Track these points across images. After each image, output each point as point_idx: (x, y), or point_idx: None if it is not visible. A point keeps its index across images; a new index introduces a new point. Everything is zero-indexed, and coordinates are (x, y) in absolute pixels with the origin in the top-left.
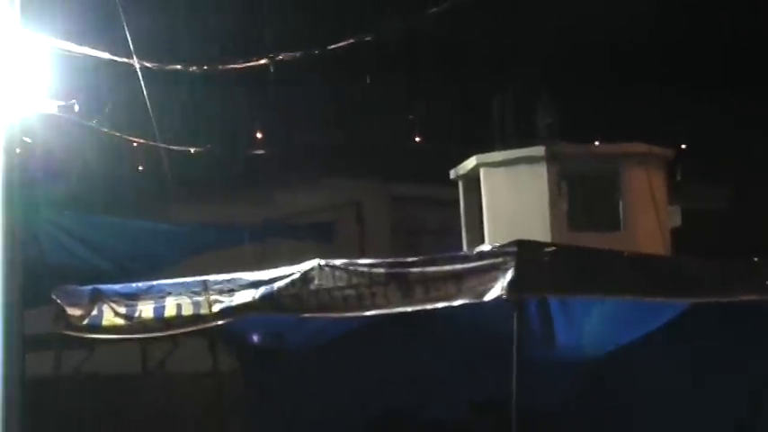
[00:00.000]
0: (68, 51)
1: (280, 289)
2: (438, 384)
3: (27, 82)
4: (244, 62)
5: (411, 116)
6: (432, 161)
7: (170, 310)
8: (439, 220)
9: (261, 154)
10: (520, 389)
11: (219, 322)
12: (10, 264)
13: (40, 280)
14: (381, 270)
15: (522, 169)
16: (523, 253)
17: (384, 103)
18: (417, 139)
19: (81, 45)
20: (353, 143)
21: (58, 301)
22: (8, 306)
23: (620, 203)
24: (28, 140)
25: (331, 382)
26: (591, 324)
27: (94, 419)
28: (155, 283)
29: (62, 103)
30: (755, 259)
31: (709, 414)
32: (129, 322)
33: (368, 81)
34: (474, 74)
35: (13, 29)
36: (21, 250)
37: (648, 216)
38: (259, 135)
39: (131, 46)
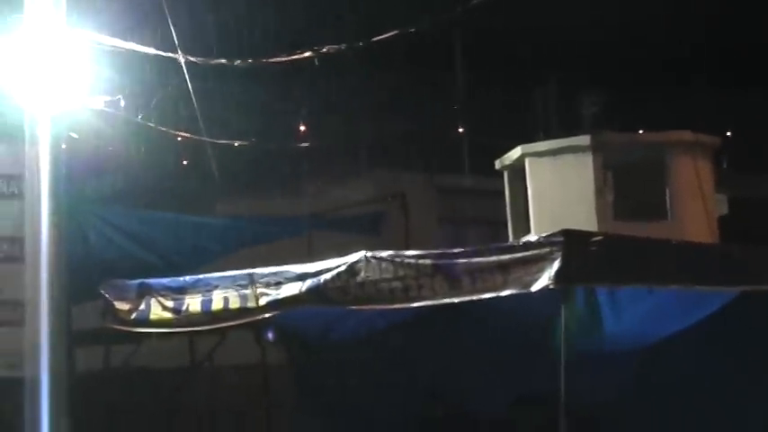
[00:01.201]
0: (114, 47)
1: (326, 281)
2: (484, 376)
3: (73, 78)
4: (288, 55)
5: (455, 107)
6: (476, 152)
7: (217, 304)
8: (484, 211)
9: (306, 147)
10: (567, 381)
11: (266, 315)
12: (57, 258)
13: (87, 275)
14: (428, 261)
15: (568, 159)
16: (570, 243)
17: (428, 94)
18: (461, 130)
19: (127, 41)
20: (398, 135)
21: (106, 295)
22: (55, 301)
23: (667, 192)
24: (74, 136)
25: (377, 374)
26: (639, 314)
27: (143, 413)
28: (202, 276)
29: (108, 98)
30: None
31: (759, 405)
32: (176, 316)
33: (412, 73)
34: (518, 64)
35: (59, 26)
36: (68, 245)
37: (696, 204)
38: (303, 128)
39: (176, 41)
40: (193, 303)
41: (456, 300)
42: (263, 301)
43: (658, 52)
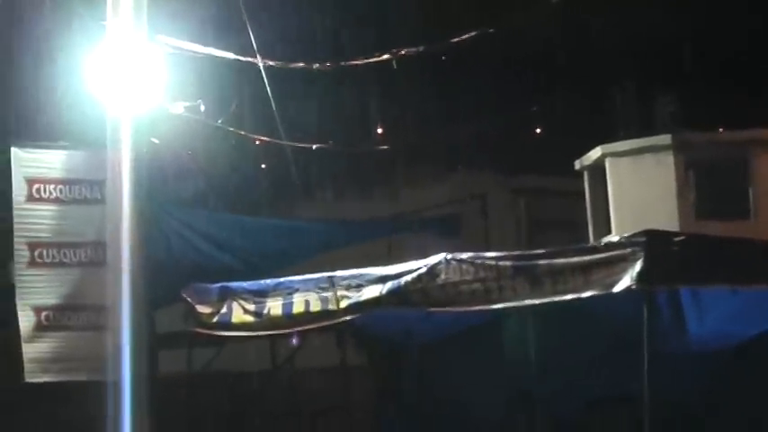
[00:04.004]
0: (194, 53)
1: (407, 283)
2: (565, 377)
3: (154, 84)
4: (366, 58)
5: (534, 108)
6: (555, 153)
7: (298, 307)
8: (563, 212)
9: (385, 150)
10: (650, 381)
11: (347, 318)
12: (139, 263)
13: (169, 278)
14: (509, 263)
15: (649, 158)
16: (653, 243)
17: (507, 95)
18: (539, 130)
19: (206, 47)
20: (477, 137)
21: (188, 299)
22: (138, 305)
23: (750, 191)
24: (156, 141)
25: (457, 375)
26: (723, 315)
27: (224, 416)
28: (283, 279)
29: (188, 103)
30: None
31: None
32: (258, 319)
33: (490, 74)
34: (595, 64)
35: (141, 32)
36: (150, 249)
37: None
38: (380, 131)
39: (255, 46)
40: (275, 306)
41: (537, 301)
42: (344, 304)
43: (737, 48)
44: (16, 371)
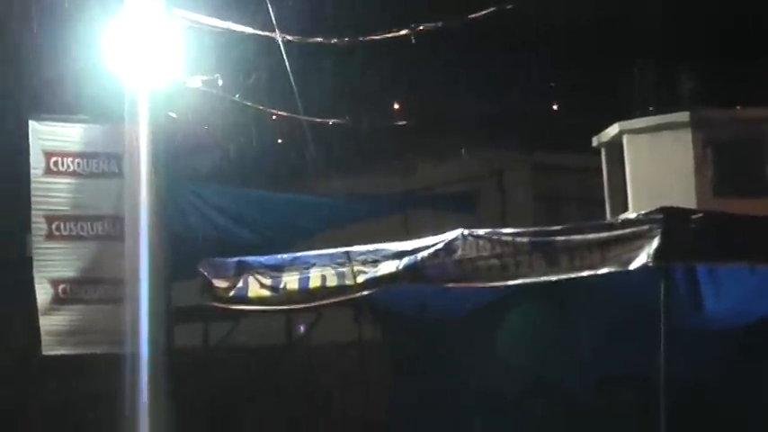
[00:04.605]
0: (212, 27)
1: (423, 259)
2: (581, 355)
3: (172, 58)
4: (384, 33)
5: (551, 84)
6: (572, 129)
7: (314, 282)
8: (580, 189)
9: (402, 125)
10: (666, 359)
11: (364, 293)
12: (156, 237)
13: (186, 253)
14: (526, 239)
15: (667, 135)
16: (670, 220)
17: (524, 72)
18: (556, 107)
19: (224, 20)
20: (494, 113)
21: (205, 273)
22: (155, 279)
23: None
24: (173, 115)
25: (474, 352)
26: (740, 293)
27: (240, 390)
28: (299, 254)
29: (206, 77)
30: None
31: None
32: (274, 294)
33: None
34: (614, 40)
35: (158, 6)
36: (167, 223)
37: None
38: (397, 106)
39: (273, 19)
40: (291, 281)
41: (554, 278)
42: (360, 279)
43: (758, 25)
44: (34, 344)
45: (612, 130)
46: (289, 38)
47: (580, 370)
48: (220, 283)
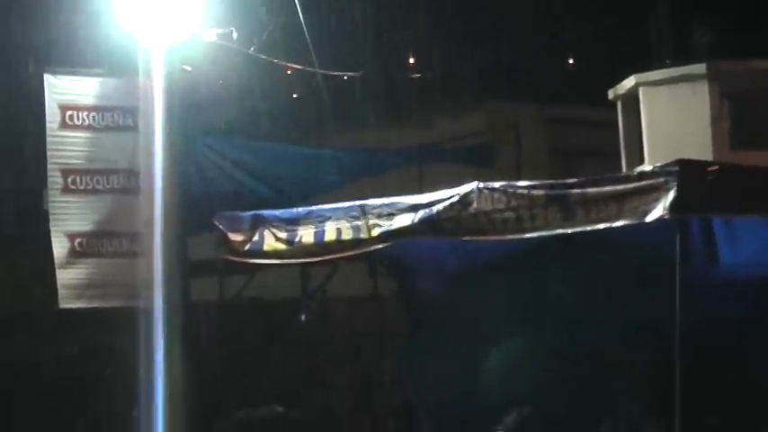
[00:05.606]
0: None
1: (439, 212)
2: (596, 308)
3: (187, 10)
4: None
5: (566, 36)
6: (588, 82)
7: (329, 235)
8: (596, 142)
9: (418, 78)
10: (682, 312)
11: (379, 246)
12: (172, 190)
13: (202, 206)
14: (541, 192)
15: (683, 88)
16: (686, 172)
17: (540, 25)
18: (571, 60)
19: None
20: (510, 66)
21: (220, 227)
22: (170, 232)
23: None
24: (188, 68)
25: (488, 305)
26: (756, 245)
27: (256, 343)
28: (314, 208)
29: (221, 30)
30: None
31: None
32: (289, 247)
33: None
34: None
35: None
36: (182, 177)
37: None
38: (412, 60)
39: None
40: (306, 235)
41: (569, 230)
42: (375, 233)
43: None
44: (50, 297)
45: (628, 82)
46: None
47: (598, 322)
48: (236, 237)
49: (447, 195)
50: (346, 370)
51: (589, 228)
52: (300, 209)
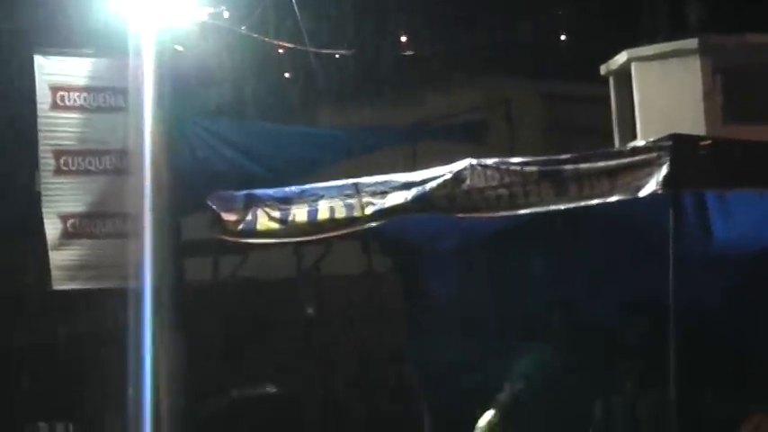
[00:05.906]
0: None
1: (432, 189)
2: (590, 283)
3: None
4: None
5: (559, 12)
6: (581, 58)
7: (323, 213)
8: (589, 118)
9: (410, 55)
10: (675, 287)
11: (372, 224)
12: (162, 171)
13: (195, 186)
14: (534, 168)
15: (675, 63)
16: (679, 147)
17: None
18: (564, 36)
19: None
20: (503, 42)
21: (213, 207)
22: (160, 213)
23: None
24: (179, 48)
25: (483, 281)
26: (749, 219)
27: (250, 323)
28: (307, 186)
29: (212, 10)
30: None
31: None
32: (283, 226)
33: None
34: None
35: None
36: (174, 157)
37: None
38: (404, 38)
39: None
40: (299, 213)
41: (562, 206)
42: (368, 211)
43: None
44: (43, 278)
45: (621, 58)
46: None
47: (593, 297)
48: (229, 217)
49: (440, 173)
50: (342, 349)
51: (582, 203)
52: (294, 188)
